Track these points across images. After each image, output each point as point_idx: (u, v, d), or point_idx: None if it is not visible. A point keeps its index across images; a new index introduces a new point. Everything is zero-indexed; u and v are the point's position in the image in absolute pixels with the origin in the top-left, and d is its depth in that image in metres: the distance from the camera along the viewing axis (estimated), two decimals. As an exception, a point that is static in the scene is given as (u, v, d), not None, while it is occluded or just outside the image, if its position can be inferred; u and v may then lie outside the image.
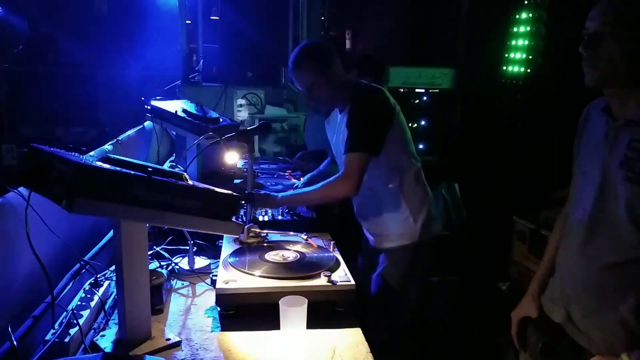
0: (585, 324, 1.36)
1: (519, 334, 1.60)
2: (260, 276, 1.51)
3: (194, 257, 1.81)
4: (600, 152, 1.33)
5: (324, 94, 1.99)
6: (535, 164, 2.86)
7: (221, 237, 1.93)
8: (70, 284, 1.47)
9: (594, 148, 1.37)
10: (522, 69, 3.02)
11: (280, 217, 2.13)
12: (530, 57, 2.92)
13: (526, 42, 2.98)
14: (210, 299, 1.59)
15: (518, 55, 3.09)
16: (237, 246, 1.78)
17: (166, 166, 2.53)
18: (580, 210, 1.38)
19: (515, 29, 3.13)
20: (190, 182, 1.32)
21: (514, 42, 3.14)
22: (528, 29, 2.97)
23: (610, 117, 1.32)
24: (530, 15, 2.96)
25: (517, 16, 3.11)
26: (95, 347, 1.30)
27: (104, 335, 1.34)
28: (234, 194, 1.34)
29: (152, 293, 1.36)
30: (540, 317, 1.53)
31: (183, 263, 1.81)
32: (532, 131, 2.90)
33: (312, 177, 2.49)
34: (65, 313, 1.33)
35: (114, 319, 1.41)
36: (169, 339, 1.33)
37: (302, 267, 1.59)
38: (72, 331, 1.25)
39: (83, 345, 1.28)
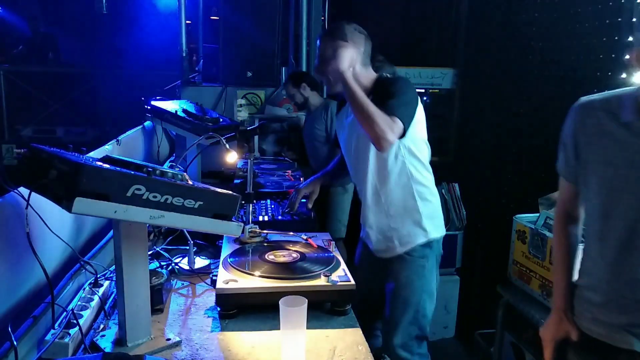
0: None
1: (556, 359, 1.41)
2: (260, 276, 1.52)
3: (194, 257, 1.81)
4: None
5: (333, 74, 1.92)
6: (535, 164, 2.86)
7: (221, 237, 1.93)
8: (70, 284, 1.47)
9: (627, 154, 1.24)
10: (521, 69, 3.02)
11: (280, 217, 2.13)
12: (529, 57, 2.93)
13: (525, 42, 2.98)
14: (210, 299, 1.59)
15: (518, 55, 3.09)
16: (237, 246, 1.78)
17: (166, 166, 2.53)
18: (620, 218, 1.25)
19: (514, 29, 3.14)
20: (190, 182, 1.33)
21: (513, 42, 3.14)
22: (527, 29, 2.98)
23: None
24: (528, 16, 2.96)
25: (517, 17, 3.11)
26: (95, 347, 1.30)
27: (104, 335, 1.34)
28: (234, 194, 1.34)
29: (152, 293, 1.36)
30: (583, 339, 1.34)
31: (183, 263, 1.81)
32: (532, 131, 2.90)
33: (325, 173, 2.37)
34: (65, 313, 1.33)
35: (114, 319, 1.41)
36: (169, 339, 1.34)
37: (302, 267, 1.60)
38: (72, 331, 1.26)
39: (83, 345, 1.28)
